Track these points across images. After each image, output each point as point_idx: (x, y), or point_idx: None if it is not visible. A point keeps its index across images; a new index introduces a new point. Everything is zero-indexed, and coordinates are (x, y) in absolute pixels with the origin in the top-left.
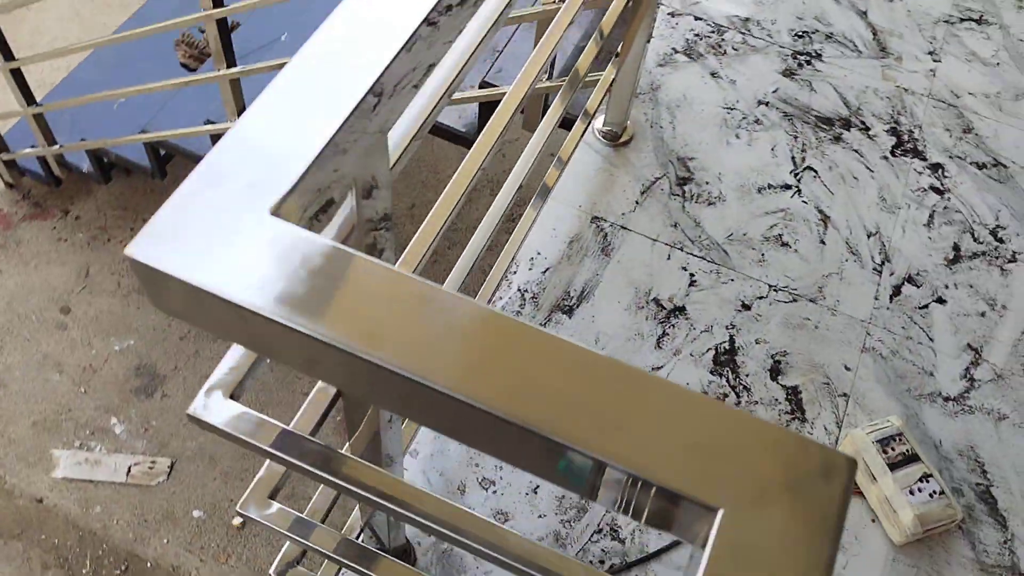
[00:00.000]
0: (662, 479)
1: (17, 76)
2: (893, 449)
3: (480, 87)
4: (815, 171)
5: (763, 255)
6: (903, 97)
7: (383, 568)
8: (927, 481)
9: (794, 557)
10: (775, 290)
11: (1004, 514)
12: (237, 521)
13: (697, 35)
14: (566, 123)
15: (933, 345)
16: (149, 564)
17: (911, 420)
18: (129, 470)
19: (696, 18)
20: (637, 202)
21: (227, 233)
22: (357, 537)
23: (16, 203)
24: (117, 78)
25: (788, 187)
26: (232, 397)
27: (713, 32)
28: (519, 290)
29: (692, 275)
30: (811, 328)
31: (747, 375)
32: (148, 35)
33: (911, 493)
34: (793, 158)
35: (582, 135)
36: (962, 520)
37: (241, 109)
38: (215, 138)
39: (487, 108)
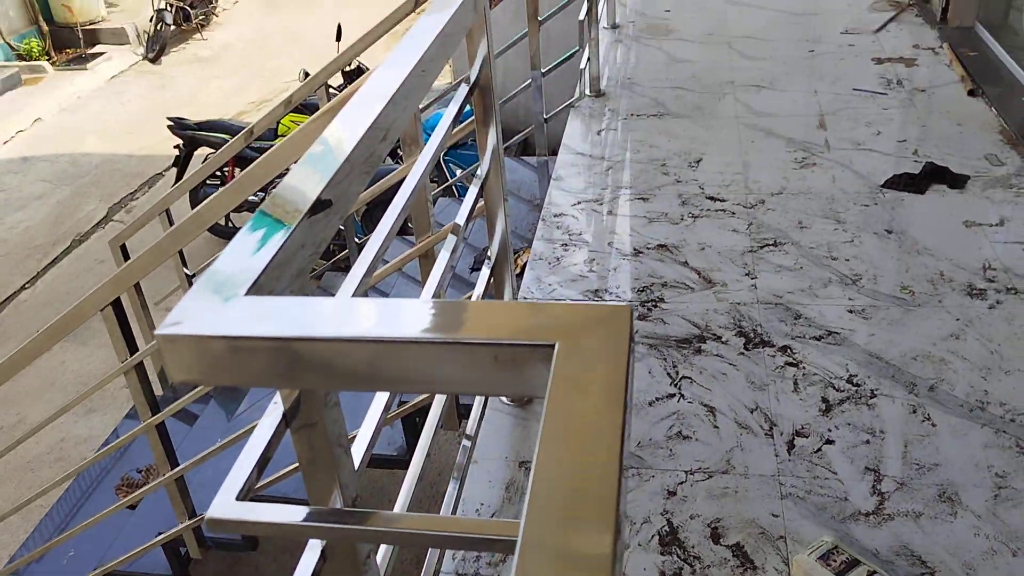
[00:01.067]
0: (527, 339)
1: None
2: (835, 560)
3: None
4: (690, 378)
5: (671, 450)
6: (738, 309)
7: None
8: None
9: (606, 360)
10: (691, 474)
11: None
12: None
13: None
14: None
15: (838, 477)
16: None
17: (845, 539)
18: None
19: (556, 300)
20: None
21: (217, 307)
22: None
23: None
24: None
25: (672, 395)
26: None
27: None
28: None
29: None
30: (732, 494)
31: (693, 547)
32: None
33: None
34: (668, 374)
35: (484, 405)
36: None
37: (190, 510)
38: (169, 550)
39: (410, 428)
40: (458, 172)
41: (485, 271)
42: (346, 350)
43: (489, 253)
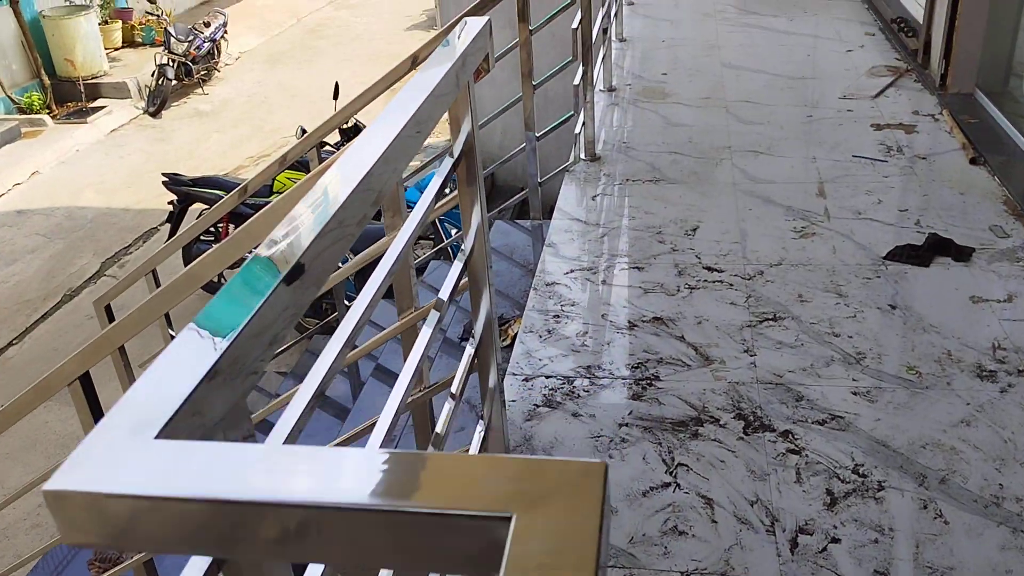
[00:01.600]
0: (478, 509)
1: None
2: None
3: None
4: (686, 465)
5: (666, 548)
6: (737, 389)
7: None
8: None
9: (572, 538)
10: (687, 575)
11: None
12: None
13: (552, 389)
14: None
15: None
16: None
17: None
18: None
19: (547, 377)
20: None
21: (120, 455)
22: None
23: None
24: None
25: (668, 484)
26: None
27: (564, 384)
28: None
29: None
30: None
31: None
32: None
33: None
34: (664, 460)
35: None
36: None
37: None
38: None
39: None
40: (453, 232)
41: (469, 350)
42: (269, 516)
43: (474, 332)
